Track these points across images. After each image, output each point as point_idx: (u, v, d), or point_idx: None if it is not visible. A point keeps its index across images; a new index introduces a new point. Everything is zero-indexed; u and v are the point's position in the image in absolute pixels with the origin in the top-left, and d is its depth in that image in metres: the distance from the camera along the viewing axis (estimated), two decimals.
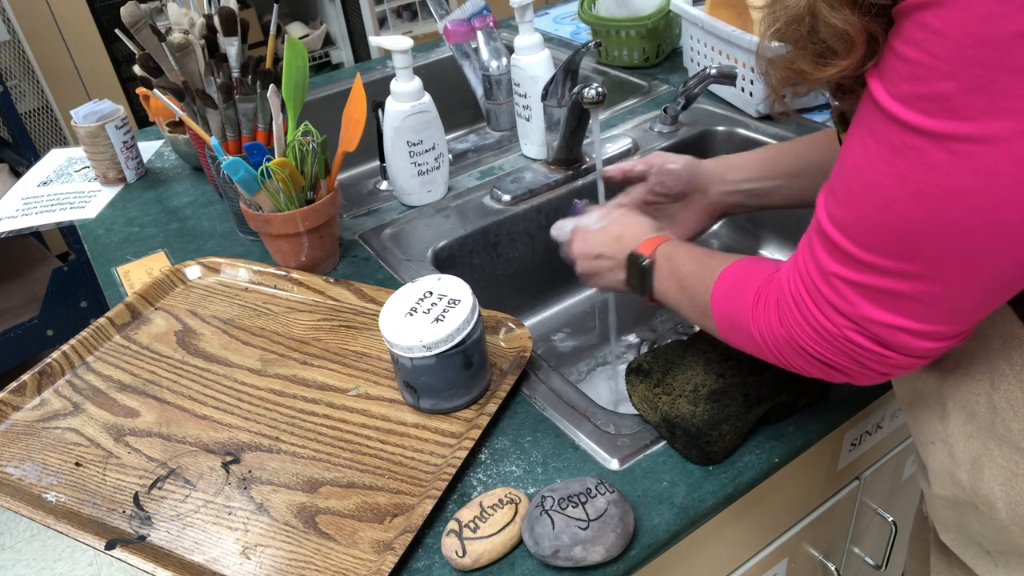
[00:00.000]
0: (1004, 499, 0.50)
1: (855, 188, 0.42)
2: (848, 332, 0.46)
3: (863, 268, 0.43)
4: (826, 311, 0.46)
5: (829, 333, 0.47)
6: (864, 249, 0.43)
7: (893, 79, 0.38)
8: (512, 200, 1.01)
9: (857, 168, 0.42)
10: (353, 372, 0.77)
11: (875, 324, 0.44)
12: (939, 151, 0.37)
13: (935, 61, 0.35)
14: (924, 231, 0.40)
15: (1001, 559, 0.55)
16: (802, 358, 0.50)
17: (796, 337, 0.49)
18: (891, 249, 0.41)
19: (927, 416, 0.55)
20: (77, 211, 1.14)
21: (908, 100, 0.37)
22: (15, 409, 0.78)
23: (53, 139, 2.36)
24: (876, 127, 0.39)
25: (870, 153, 0.40)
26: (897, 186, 0.39)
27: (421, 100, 0.96)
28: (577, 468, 0.65)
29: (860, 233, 0.43)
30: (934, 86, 0.36)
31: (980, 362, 0.49)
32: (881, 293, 0.43)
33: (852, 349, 0.46)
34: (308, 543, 0.61)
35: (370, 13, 2.77)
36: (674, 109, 1.10)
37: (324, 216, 0.88)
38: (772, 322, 0.51)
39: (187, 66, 0.93)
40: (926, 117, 0.37)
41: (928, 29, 0.35)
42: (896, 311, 0.43)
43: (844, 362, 0.48)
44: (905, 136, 0.38)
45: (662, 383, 0.67)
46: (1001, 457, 0.50)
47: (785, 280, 0.50)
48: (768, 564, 0.80)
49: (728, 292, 0.56)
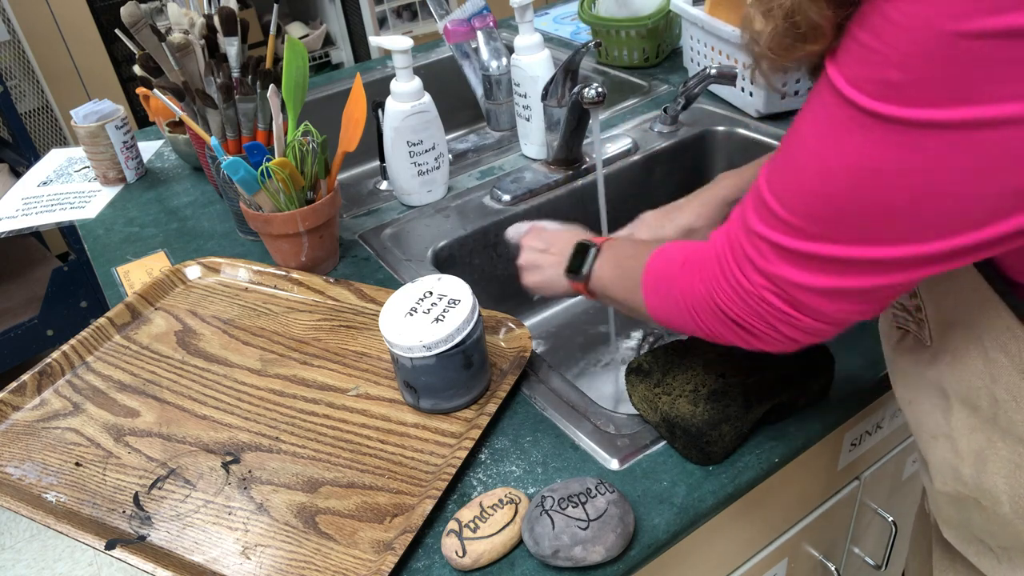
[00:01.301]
0: (1008, 492, 0.50)
1: (798, 156, 0.44)
2: (763, 292, 0.47)
3: (789, 230, 0.45)
4: (746, 269, 0.48)
5: (745, 291, 0.48)
6: (792, 213, 0.44)
7: (846, 60, 0.40)
8: (512, 200, 1.01)
9: (803, 139, 0.44)
10: (353, 372, 0.77)
11: (789, 284, 0.46)
12: (882, 131, 0.39)
13: (887, 49, 0.37)
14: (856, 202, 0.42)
15: (1004, 555, 0.55)
16: (717, 319, 0.51)
17: (714, 295, 0.51)
18: (819, 215, 0.43)
19: (928, 412, 0.55)
20: (77, 211, 1.14)
21: (857, 81, 0.39)
22: (15, 409, 0.78)
23: (53, 139, 2.36)
24: (827, 103, 0.41)
25: (818, 126, 0.43)
26: (838, 158, 0.41)
27: (421, 100, 0.96)
28: (577, 468, 0.65)
29: (793, 198, 0.44)
30: (882, 72, 0.38)
31: (978, 356, 0.50)
32: (801, 256, 0.45)
33: (765, 310, 0.48)
34: (308, 543, 0.61)
35: (370, 13, 2.77)
36: (674, 109, 1.10)
37: (324, 216, 0.88)
38: (694, 283, 0.53)
39: (187, 66, 0.93)
40: (871, 99, 0.39)
41: (886, 19, 0.37)
42: (812, 272, 0.45)
43: (758, 324, 0.49)
44: (850, 112, 0.40)
45: (662, 383, 0.67)
46: (1005, 449, 0.50)
47: (713, 242, 0.52)
48: (768, 564, 0.80)
49: (659, 263, 0.58)
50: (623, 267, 0.64)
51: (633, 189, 1.10)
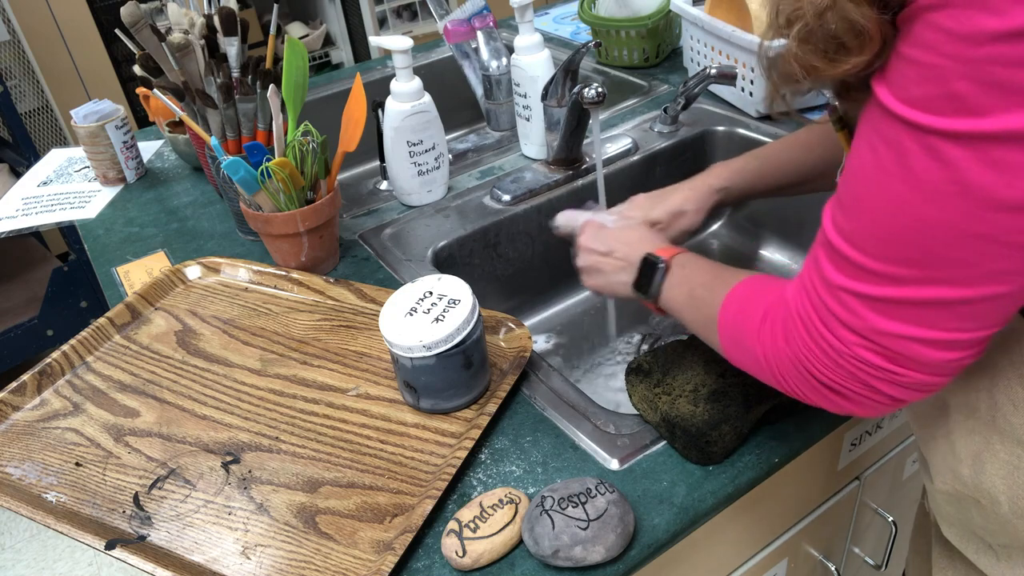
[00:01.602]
0: (1006, 493, 0.50)
1: (863, 195, 0.41)
2: (857, 349, 0.44)
3: (872, 278, 0.42)
4: (834, 328, 0.44)
5: (837, 352, 0.44)
6: (873, 258, 0.41)
7: (902, 83, 0.38)
8: (512, 200, 1.01)
9: (866, 174, 0.41)
10: (353, 372, 0.77)
11: (887, 336, 0.42)
12: (955, 148, 0.36)
13: (947, 61, 0.35)
14: (938, 231, 0.39)
15: (1004, 553, 0.55)
16: (807, 383, 0.48)
17: (802, 358, 0.47)
18: (902, 255, 0.40)
19: (928, 412, 0.55)
20: (77, 211, 1.14)
21: (919, 102, 0.37)
22: (15, 409, 0.78)
23: (53, 139, 2.36)
24: (885, 132, 0.39)
25: (880, 158, 0.40)
26: (911, 189, 0.39)
27: (421, 100, 0.96)
28: (577, 468, 0.65)
29: (868, 241, 0.41)
30: (947, 86, 0.36)
31: (978, 360, 0.49)
32: (892, 304, 0.42)
33: (861, 368, 0.44)
34: (308, 543, 0.61)
35: (370, 13, 2.77)
36: (674, 109, 1.10)
37: (324, 216, 0.88)
38: (778, 343, 0.49)
39: (187, 66, 0.93)
40: (940, 117, 0.36)
41: (939, 30, 0.35)
42: (909, 321, 0.41)
43: (852, 385, 0.45)
44: (919, 137, 0.37)
45: (662, 383, 0.67)
46: (1003, 451, 0.50)
47: (791, 298, 0.48)
48: (768, 564, 0.80)
49: (736, 309, 0.55)
50: (696, 298, 0.61)
51: (633, 189, 1.10)
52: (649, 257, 0.67)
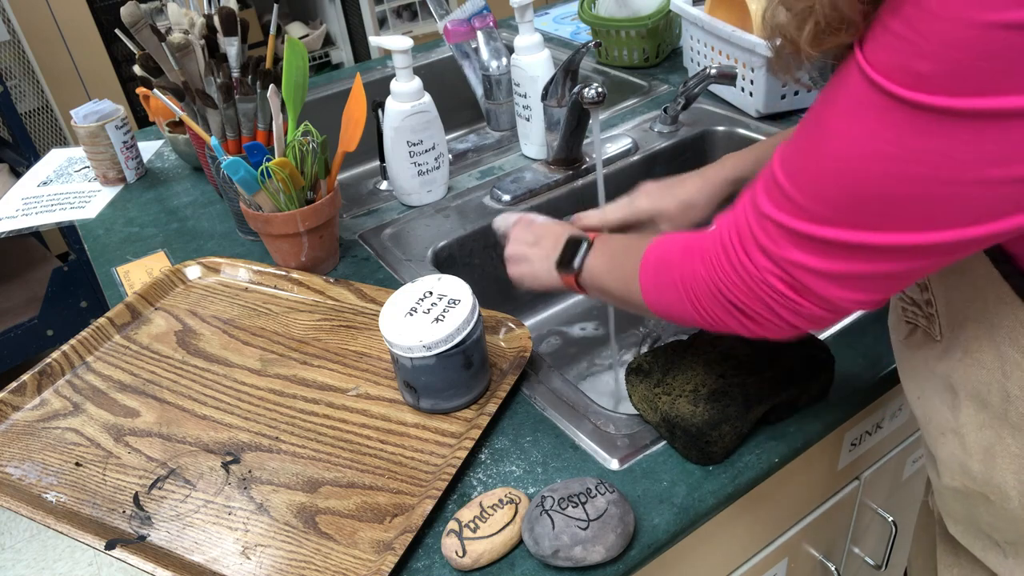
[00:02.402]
0: (1017, 488, 0.50)
1: (816, 137, 0.44)
2: (768, 276, 0.47)
3: (799, 212, 0.44)
4: (752, 252, 0.48)
5: (749, 275, 0.48)
6: (809, 197, 0.44)
7: (875, 47, 0.39)
8: (512, 200, 1.01)
9: (825, 121, 0.43)
10: (353, 372, 0.77)
11: (797, 267, 0.46)
12: (908, 116, 0.39)
13: (919, 39, 0.37)
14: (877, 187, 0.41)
15: (1011, 550, 0.55)
16: (718, 303, 0.51)
17: (716, 278, 0.50)
18: (831, 197, 0.43)
19: (937, 407, 0.55)
20: (77, 211, 1.14)
21: (887, 69, 0.39)
22: (15, 409, 0.78)
23: (53, 139, 2.36)
24: (853, 88, 0.41)
25: (841, 108, 0.42)
26: (856, 141, 0.41)
27: (421, 100, 0.96)
28: (577, 468, 0.65)
29: (805, 178, 0.44)
30: (913, 62, 0.37)
31: (989, 351, 0.49)
32: (811, 239, 0.44)
33: (768, 294, 0.48)
34: (308, 543, 0.61)
35: (370, 13, 2.77)
36: (674, 109, 1.10)
37: (324, 216, 0.88)
38: (696, 268, 0.52)
39: (187, 66, 0.93)
40: (902, 87, 0.38)
41: (921, 8, 0.37)
42: (822, 256, 0.44)
43: (759, 308, 0.49)
44: (875, 97, 0.39)
45: (662, 383, 0.67)
46: (1015, 445, 0.50)
47: (716, 227, 0.51)
48: (768, 564, 0.80)
49: (658, 251, 0.58)
50: (617, 259, 0.64)
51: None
52: (571, 236, 0.70)
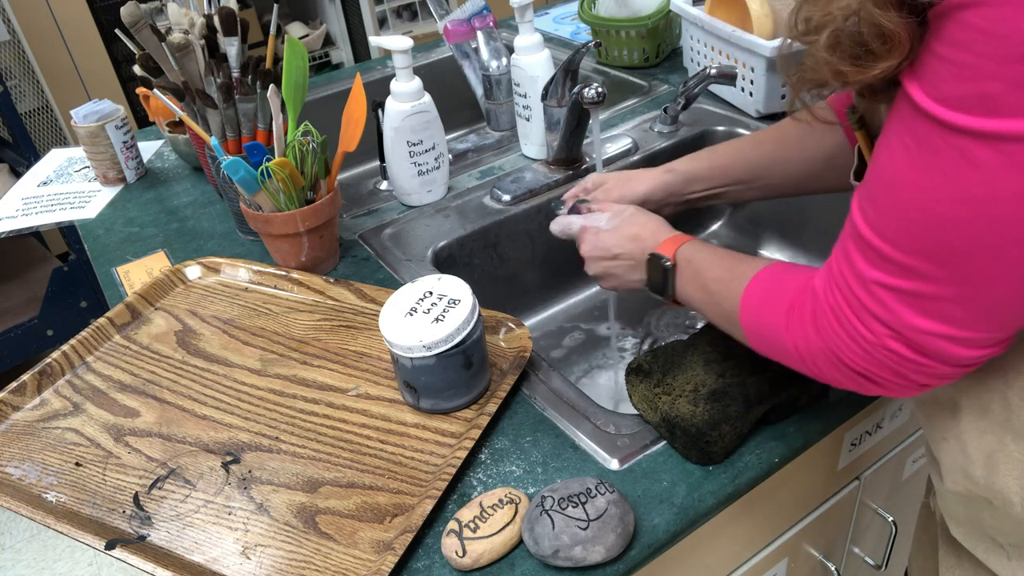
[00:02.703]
0: (1020, 493, 0.50)
1: (896, 191, 0.42)
2: (887, 341, 0.45)
3: (904, 273, 0.42)
4: (865, 320, 0.45)
5: (868, 343, 0.46)
6: (905, 253, 0.42)
7: (934, 81, 0.38)
8: (512, 200, 1.01)
9: (898, 171, 0.41)
10: (353, 372, 0.77)
11: (915, 331, 0.44)
12: (986, 150, 0.37)
13: (980, 61, 0.35)
14: (968, 233, 0.39)
15: (1015, 552, 0.55)
16: (839, 371, 0.49)
17: (834, 349, 0.48)
18: (933, 252, 0.41)
19: (939, 413, 0.55)
20: (77, 211, 1.14)
21: (951, 101, 0.37)
22: (15, 409, 0.78)
23: (53, 139, 2.36)
24: (917, 130, 0.39)
25: (911, 155, 0.40)
26: (941, 187, 0.39)
27: (421, 100, 0.96)
28: (577, 468, 0.65)
29: (901, 237, 0.42)
30: (980, 86, 0.35)
31: (992, 361, 0.49)
32: (922, 299, 0.42)
33: (891, 359, 0.45)
34: (308, 543, 0.61)
35: (370, 13, 2.77)
36: (674, 109, 1.10)
37: (324, 216, 0.88)
38: (808, 334, 0.50)
39: (187, 66, 0.93)
40: (972, 117, 0.36)
41: (972, 29, 0.35)
42: (937, 317, 0.43)
43: (883, 373, 0.47)
44: (949, 137, 0.38)
45: (662, 383, 0.67)
46: (1017, 451, 0.50)
47: (820, 289, 0.49)
48: (768, 564, 0.80)
49: (759, 302, 0.55)
50: (712, 294, 0.62)
51: None
52: (653, 258, 0.67)
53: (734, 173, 0.78)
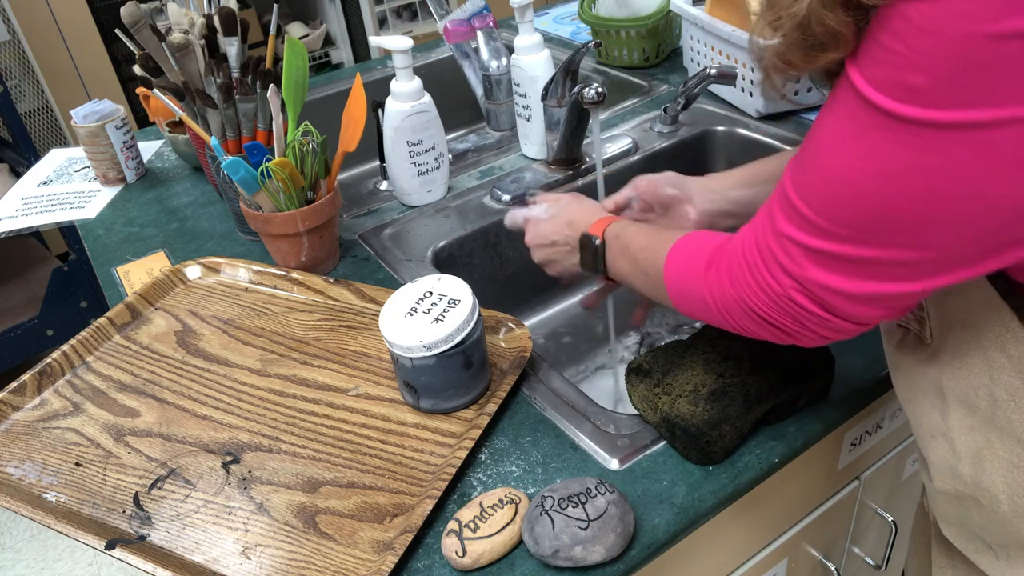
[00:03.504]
0: (1006, 491, 0.50)
1: (822, 158, 0.44)
2: (793, 292, 0.48)
3: (816, 232, 0.45)
4: (774, 271, 0.48)
5: (775, 293, 0.49)
6: (820, 215, 0.44)
7: (868, 63, 0.40)
8: (512, 200, 1.01)
9: (826, 141, 0.44)
10: (353, 372, 0.77)
11: (818, 286, 0.46)
12: (904, 133, 0.39)
13: (911, 53, 0.37)
14: (879, 205, 0.42)
15: (1003, 552, 0.55)
16: (749, 319, 0.52)
17: (745, 297, 0.51)
18: (844, 216, 0.44)
19: (927, 411, 0.56)
20: (77, 211, 1.14)
21: (879, 84, 0.39)
22: (15, 409, 0.78)
23: (53, 139, 2.36)
24: (849, 105, 0.41)
25: (840, 129, 0.43)
26: (861, 161, 0.41)
27: (421, 100, 0.96)
28: (577, 468, 0.65)
29: (819, 200, 0.45)
30: (905, 75, 0.38)
31: (977, 356, 0.50)
32: (829, 257, 0.45)
33: (795, 310, 0.48)
34: (308, 543, 0.61)
35: (370, 13, 2.77)
36: (674, 109, 1.10)
37: (324, 216, 0.88)
38: (723, 285, 0.53)
39: (187, 66, 0.93)
40: (892, 101, 0.39)
41: (909, 22, 0.37)
42: (840, 274, 0.45)
43: (788, 322, 0.50)
44: (874, 116, 0.40)
45: (662, 383, 0.67)
46: (1002, 449, 0.50)
47: (739, 243, 0.52)
48: (768, 564, 0.80)
49: (681, 261, 0.59)
50: (639, 262, 0.65)
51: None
52: (584, 238, 0.71)
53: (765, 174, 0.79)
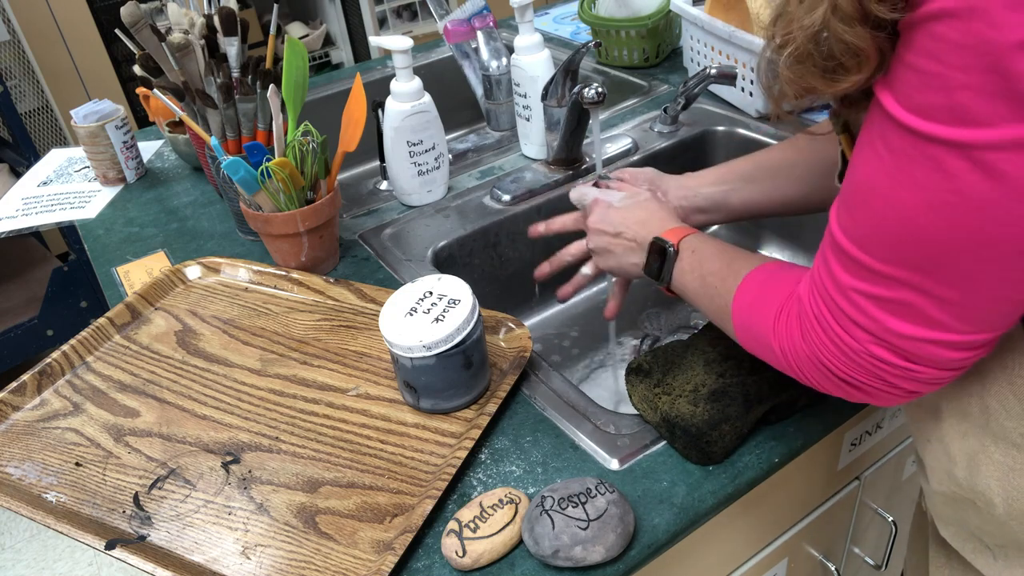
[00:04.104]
0: (1001, 495, 0.50)
1: (870, 199, 0.42)
2: (872, 347, 0.45)
3: (882, 280, 0.42)
4: (848, 327, 0.45)
5: (852, 350, 0.46)
6: (881, 261, 0.42)
7: (906, 91, 0.38)
8: (512, 200, 1.01)
9: (871, 180, 0.41)
10: (353, 372, 0.77)
11: (899, 337, 0.43)
12: (957, 159, 0.37)
13: (950, 71, 0.35)
14: (943, 240, 0.39)
15: (1000, 552, 0.55)
16: (824, 376, 0.49)
17: (819, 355, 0.48)
18: (910, 260, 0.41)
19: (922, 415, 0.56)
20: (77, 211, 1.14)
21: (923, 111, 0.37)
22: (15, 409, 0.78)
23: (53, 139, 2.36)
24: (890, 138, 0.39)
25: (884, 164, 0.40)
26: (914, 196, 0.39)
27: (421, 100, 0.96)
28: (577, 468, 0.65)
29: (877, 245, 0.42)
30: (949, 96, 0.36)
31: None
32: (902, 305, 0.42)
33: (876, 365, 0.45)
34: (308, 543, 0.61)
35: (370, 13, 2.77)
36: (674, 109, 1.10)
37: (324, 216, 0.88)
38: (795, 338, 0.50)
39: (187, 66, 0.93)
40: (942, 126, 0.37)
41: (941, 40, 0.35)
42: (919, 322, 0.43)
43: (868, 380, 0.47)
44: (921, 146, 0.38)
45: (662, 383, 0.67)
46: (997, 453, 0.50)
47: (805, 296, 0.49)
48: (768, 564, 0.80)
49: (750, 301, 0.56)
50: (707, 287, 0.62)
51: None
52: (657, 241, 0.67)
53: (738, 171, 0.78)
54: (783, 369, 0.53)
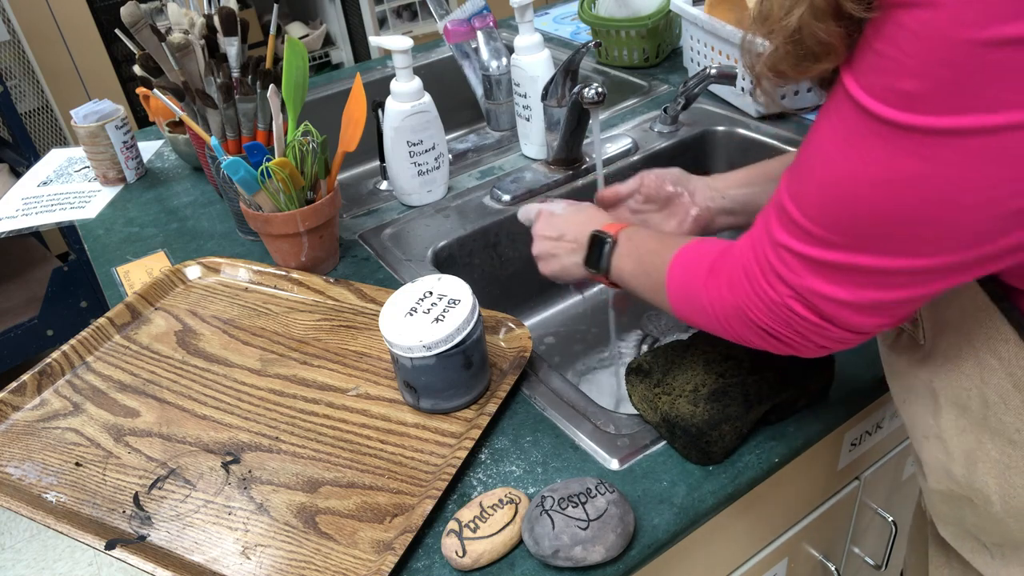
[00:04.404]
0: (998, 492, 0.51)
1: (817, 166, 0.44)
2: (790, 301, 0.47)
3: (812, 241, 0.45)
4: (772, 280, 0.48)
5: (772, 302, 0.48)
6: (816, 223, 0.44)
7: (863, 69, 0.40)
8: (512, 200, 1.01)
9: (821, 148, 0.44)
10: (353, 372, 0.77)
11: (816, 296, 0.46)
12: (901, 140, 0.39)
13: (905, 58, 0.37)
14: (879, 214, 0.41)
15: (998, 551, 0.55)
16: (747, 327, 0.51)
17: (742, 306, 0.51)
18: (845, 227, 0.43)
19: (920, 412, 0.56)
20: (77, 211, 1.14)
21: (875, 90, 0.39)
22: (15, 409, 0.78)
23: (53, 139, 2.36)
24: (844, 112, 0.41)
25: (835, 135, 0.42)
26: (860, 170, 0.41)
27: (421, 100, 0.96)
28: (577, 468, 0.65)
29: (815, 208, 0.44)
30: (900, 81, 0.38)
31: (968, 358, 0.50)
32: (825, 265, 0.45)
33: (793, 319, 0.48)
34: (308, 543, 0.61)
35: (370, 13, 2.77)
36: (674, 109, 1.10)
37: (324, 216, 0.88)
38: (723, 293, 0.53)
39: (187, 66, 0.93)
40: (890, 108, 0.38)
41: (902, 27, 0.37)
42: (838, 283, 0.45)
43: (786, 332, 0.49)
44: (871, 124, 0.40)
45: (662, 383, 0.67)
46: (994, 450, 0.50)
47: (738, 252, 0.52)
48: (768, 564, 0.80)
49: (683, 265, 0.58)
50: (644, 264, 0.64)
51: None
52: (596, 233, 0.70)
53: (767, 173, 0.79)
54: (712, 325, 0.55)
